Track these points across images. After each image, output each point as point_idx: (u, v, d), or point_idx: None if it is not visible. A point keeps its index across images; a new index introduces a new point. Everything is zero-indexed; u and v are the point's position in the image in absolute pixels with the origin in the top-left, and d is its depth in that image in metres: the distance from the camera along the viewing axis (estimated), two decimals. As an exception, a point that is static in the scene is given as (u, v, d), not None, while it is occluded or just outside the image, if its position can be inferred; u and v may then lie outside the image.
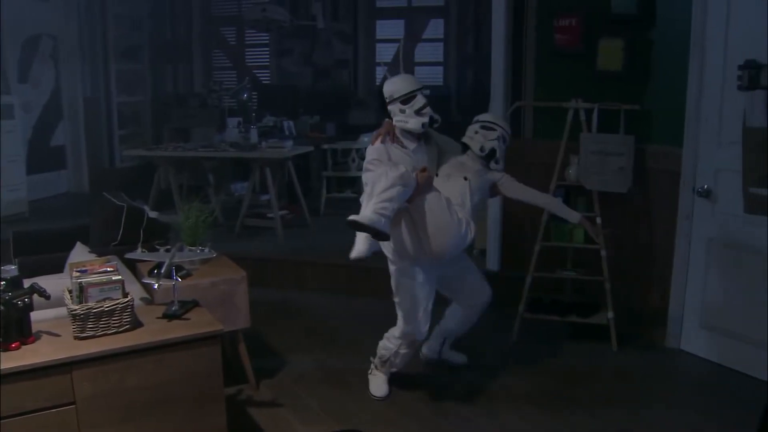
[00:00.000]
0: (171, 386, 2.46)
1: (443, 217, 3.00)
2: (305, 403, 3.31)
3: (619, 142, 3.89)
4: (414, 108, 3.17)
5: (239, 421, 3.09)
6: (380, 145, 3.15)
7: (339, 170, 6.96)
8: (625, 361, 3.76)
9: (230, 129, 6.63)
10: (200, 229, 3.28)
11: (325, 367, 3.72)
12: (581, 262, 4.16)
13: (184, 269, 3.14)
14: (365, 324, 4.34)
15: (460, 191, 3.20)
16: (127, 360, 2.37)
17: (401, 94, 3.18)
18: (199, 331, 2.51)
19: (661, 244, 3.97)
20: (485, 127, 3.43)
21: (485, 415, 3.17)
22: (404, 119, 3.18)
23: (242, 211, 6.08)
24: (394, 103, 3.19)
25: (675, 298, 3.91)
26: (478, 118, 3.52)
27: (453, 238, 3.03)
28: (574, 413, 3.20)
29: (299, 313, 4.60)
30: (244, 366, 3.40)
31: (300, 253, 5.34)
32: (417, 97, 3.18)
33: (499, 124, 3.45)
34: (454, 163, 3.39)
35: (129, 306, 2.48)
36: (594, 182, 3.96)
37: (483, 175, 3.36)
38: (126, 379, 2.37)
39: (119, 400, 2.37)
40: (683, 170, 3.77)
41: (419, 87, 3.22)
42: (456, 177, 3.27)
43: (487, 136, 3.40)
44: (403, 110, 3.18)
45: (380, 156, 3.11)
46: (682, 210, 3.81)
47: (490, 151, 3.38)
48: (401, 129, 3.20)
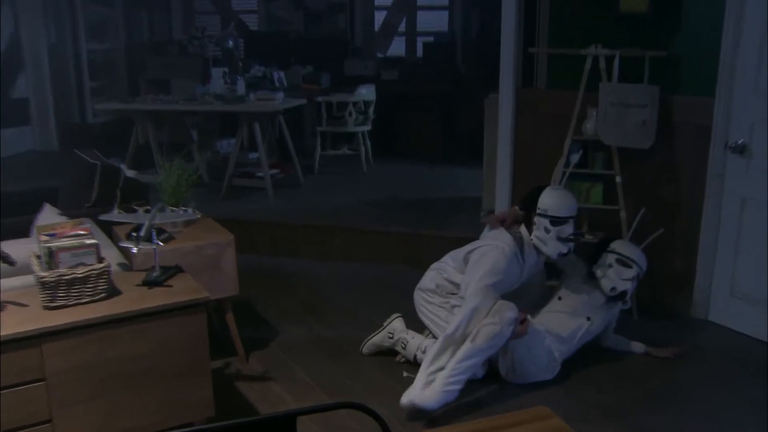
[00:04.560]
0: (152, 359, 2.46)
1: (535, 352, 3.18)
2: (298, 375, 3.32)
3: (643, 93, 3.82)
4: (560, 234, 3.25)
5: (227, 396, 3.10)
6: (511, 248, 3.25)
7: (334, 125, 6.92)
8: (647, 332, 3.75)
9: (215, 80, 6.55)
10: (183, 189, 3.28)
11: (319, 337, 3.73)
12: (598, 225, 4.12)
13: (166, 232, 3.14)
14: (362, 291, 4.36)
15: (574, 328, 3.33)
16: (104, 331, 2.36)
17: (556, 215, 3.25)
18: (183, 299, 2.52)
19: (687, 205, 3.93)
20: (622, 262, 3.44)
21: (491, 384, 3.20)
22: (544, 239, 3.27)
23: (229, 170, 6.05)
24: (543, 218, 3.26)
25: (703, 264, 3.89)
26: (616, 248, 3.52)
27: (535, 368, 3.21)
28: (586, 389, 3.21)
29: (291, 279, 4.61)
30: (231, 337, 3.40)
31: (292, 216, 5.34)
32: (568, 223, 3.27)
33: (637, 261, 3.46)
34: (579, 295, 3.45)
35: (105, 272, 2.46)
36: (613, 137, 3.91)
37: (607, 310, 3.46)
38: (102, 353, 2.36)
39: (94, 376, 2.36)
40: (714, 123, 3.72)
41: (574, 214, 3.31)
42: (579, 314, 3.37)
43: (622, 274, 3.42)
44: (548, 230, 3.26)
45: (507, 255, 3.23)
46: (713, 167, 3.76)
47: (621, 293, 3.41)
48: (534, 245, 3.31)
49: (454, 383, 2.94)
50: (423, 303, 3.42)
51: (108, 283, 2.47)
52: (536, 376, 3.22)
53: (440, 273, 3.42)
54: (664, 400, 3.14)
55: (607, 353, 3.54)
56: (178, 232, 3.24)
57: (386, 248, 4.87)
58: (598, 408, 3.08)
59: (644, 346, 3.53)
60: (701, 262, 3.89)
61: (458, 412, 2.99)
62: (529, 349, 3.16)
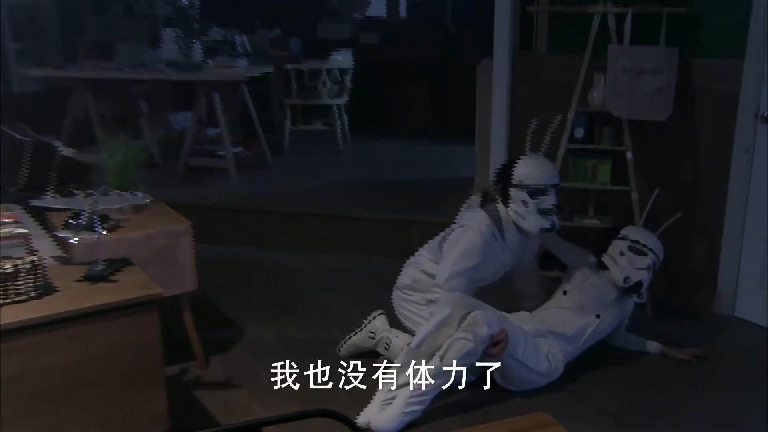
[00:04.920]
0: (95, 368, 2.43)
1: (531, 362, 3.15)
2: (265, 381, 3.29)
3: (659, 57, 3.82)
4: (540, 206, 3.28)
5: (184, 407, 3.08)
6: (488, 226, 3.28)
7: (306, 97, 6.93)
8: (663, 330, 3.76)
9: (166, 44, 6.48)
10: (130, 170, 3.28)
11: (290, 338, 3.74)
12: (606, 208, 4.14)
13: (111, 220, 3.12)
14: (339, 286, 4.37)
15: (580, 327, 3.32)
16: (36, 335, 2.31)
17: (533, 185, 3.28)
18: (132, 296, 2.49)
19: (710, 185, 3.95)
20: (635, 249, 3.45)
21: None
22: (523, 213, 3.30)
23: (185, 148, 6.04)
24: (520, 190, 3.29)
25: (728, 252, 3.91)
26: (628, 234, 3.53)
27: (535, 375, 3.19)
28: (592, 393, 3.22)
29: (258, 272, 4.61)
30: (189, 339, 3.40)
31: (258, 200, 5.34)
32: (549, 194, 3.30)
33: (652, 248, 3.47)
34: (587, 288, 3.45)
35: (37, 267, 2.43)
36: (624, 108, 3.91)
37: (620, 306, 3.45)
38: (35, 361, 2.32)
39: (25, 388, 2.32)
40: (743, 91, 3.72)
41: (555, 183, 3.34)
42: (587, 312, 3.36)
43: (636, 262, 3.43)
44: (526, 202, 3.28)
45: (483, 234, 3.26)
46: (740, 141, 3.77)
47: (636, 284, 3.38)
48: (513, 221, 3.32)
49: (416, 404, 2.93)
50: (402, 303, 3.44)
51: (41, 279, 2.43)
52: (537, 383, 3.21)
53: (416, 267, 3.44)
54: (684, 408, 3.14)
55: (619, 353, 3.55)
56: (126, 220, 3.22)
57: (367, 237, 4.87)
58: (608, 414, 3.08)
59: (660, 346, 3.54)
60: (726, 251, 3.91)
61: (451, 416, 3.00)
62: (524, 361, 3.13)
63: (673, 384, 3.32)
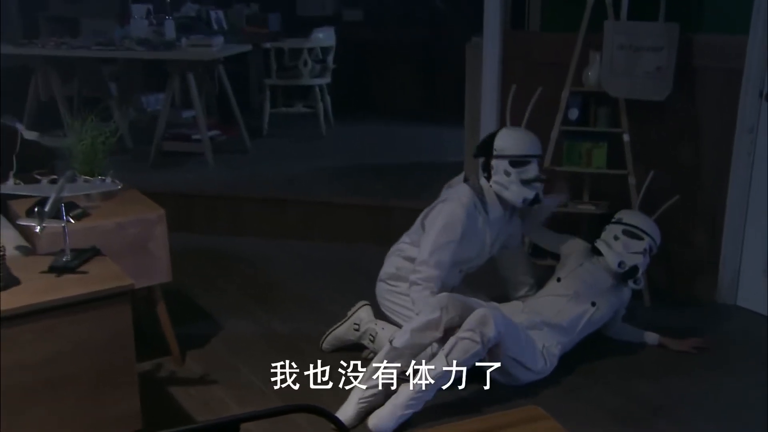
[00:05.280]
0: (62, 365, 2.42)
1: (525, 358, 3.14)
2: (244, 377, 3.32)
3: (658, 33, 3.82)
4: (522, 176, 3.32)
5: (158, 405, 3.07)
6: (469, 198, 3.32)
7: (286, 77, 6.90)
8: (661, 320, 3.78)
9: (136, 20, 6.48)
10: (99, 154, 3.27)
11: (270, 331, 3.74)
12: (602, 193, 4.15)
13: (78, 207, 3.11)
14: (322, 276, 4.37)
15: (575, 316, 3.32)
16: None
17: (515, 154, 3.32)
18: (101, 287, 2.49)
19: (711, 168, 3.96)
20: (630, 233, 3.45)
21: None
22: (505, 183, 3.33)
23: (158, 131, 6.02)
24: (501, 160, 3.33)
25: (730, 238, 3.92)
26: (623, 218, 3.53)
27: (528, 372, 3.17)
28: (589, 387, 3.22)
29: (236, 263, 4.61)
30: (164, 333, 3.39)
31: (237, 186, 5.35)
32: (531, 164, 3.35)
33: (648, 231, 3.47)
34: (581, 274, 3.45)
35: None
36: (621, 87, 3.91)
37: (616, 294, 3.45)
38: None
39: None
40: (747, 67, 3.72)
41: (538, 153, 3.40)
42: (582, 299, 3.36)
43: (630, 246, 3.44)
44: (508, 173, 3.32)
45: (464, 203, 3.30)
46: (744, 121, 3.77)
47: (631, 269, 3.38)
48: (495, 193, 3.37)
49: (415, 404, 2.91)
50: (385, 295, 3.45)
51: (3, 270, 2.42)
52: (530, 377, 3.21)
53: (399, 254, 3.47)
54: (683, 404, 3.15)
55: (615, 345, 3.55)
56: (95, 207, 3.21)
57: (351, 224, 4.87)
58: (605, 409, 3.09)
59: (658, 337, 3.55)
60: (728, 237, 3.92)
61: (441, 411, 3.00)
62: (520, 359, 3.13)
63: (672, 377, 3.33)
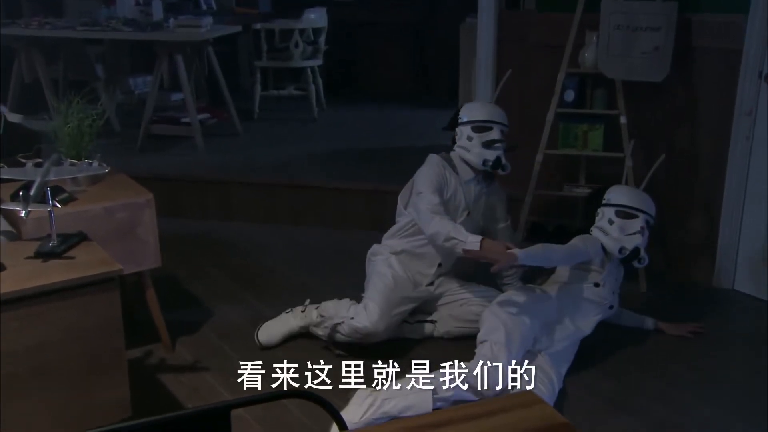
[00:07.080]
0: (50, 351, 2.41)
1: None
2: (235, 364, 3.24)
3: (656, 12, 3.82)
4: (483, 139, 3.44)
5: (148, 392, 3.08)
6: (439, 158, 3.50)
7: (277, 59, 6.88)
8: (659, 305, 3.79)
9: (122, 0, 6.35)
10: (86, 137, 3.26)
11: (261, 318, 3.70)
12: (598, 176, 4.15)
13: (65, 191, 3.10)
14: (310, 260, 4.38)
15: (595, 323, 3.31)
16: (-18, 317, 2.30)
17: (476, 119, 3.49)
18: (89, 273, 2.47)
19: (709, 150, 3.96)
20: (623, 213, 3.29)
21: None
22: (467, 147, 3.48)
23: (146, 114, 5.99)
24: (465, 126, 3.50)
25: (728, 222, 3.93)
26: (611, 198, 3.36)
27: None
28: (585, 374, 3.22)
29: (227, 248, 4.61)
30: (153, 319, 3.39)
31: (227, 170, 5.34)
32: (493, 129, 3.46)
33: (641, 207, 3.31)
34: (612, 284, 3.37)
35: None
36: (618, 69, 3.91)
37: (618, 277, 3.39)
38: (-19, 346, 2.31)
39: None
40: (746, 48, 3.72)
41: (501, 121, 3.51)
42: (604, 305, 3.32)
43: (627, 228, 3.27)
44: (470, 137, 3.47)
45: (436, 161, 3.49)
46: (742, 103, 3.77)
47: (633, 252, 3.26)
48: (459, 157, 3.51)
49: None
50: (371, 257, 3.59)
51: (-12, 256, 2.42)
52: None
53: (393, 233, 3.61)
54: (681, 388, 3.17)
55: (611, 330, 3.53)
56: (82, 192, 3.19)
57: (344, 209, 4.87)
58: (601, 396, 3.10)
59: (655, 322, 3.55)
60: (726, 220, 3.93)
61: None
62: None
63: (670, 362, 3.35)
